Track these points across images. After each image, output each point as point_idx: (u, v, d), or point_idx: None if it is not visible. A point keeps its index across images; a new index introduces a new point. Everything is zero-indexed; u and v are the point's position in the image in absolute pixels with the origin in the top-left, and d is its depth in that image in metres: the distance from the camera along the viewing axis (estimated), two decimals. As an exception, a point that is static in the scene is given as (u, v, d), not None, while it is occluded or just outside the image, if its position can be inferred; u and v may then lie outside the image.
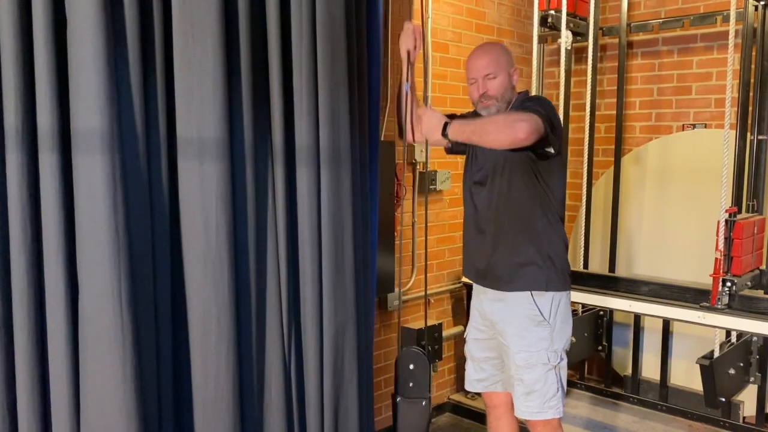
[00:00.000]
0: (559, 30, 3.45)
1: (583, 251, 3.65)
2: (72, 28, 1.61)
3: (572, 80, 3.78)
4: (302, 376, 2.17)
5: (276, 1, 1.98)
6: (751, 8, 3.01)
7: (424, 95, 3.21)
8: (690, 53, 3.58)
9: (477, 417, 3.41)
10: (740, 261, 2.80)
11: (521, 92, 2.28)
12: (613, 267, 3.70)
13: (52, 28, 1.59)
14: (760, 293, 2.99)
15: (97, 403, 1.68)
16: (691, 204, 3.48)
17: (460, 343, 3.51)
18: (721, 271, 2.81)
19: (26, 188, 1.62)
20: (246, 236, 1.98)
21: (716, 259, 2.82)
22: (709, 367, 2.83)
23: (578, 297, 3.27)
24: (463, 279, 3.46)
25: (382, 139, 2.99)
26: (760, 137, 3.12)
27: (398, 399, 2.26)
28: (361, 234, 2.29)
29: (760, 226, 2.98)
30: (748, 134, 3.09)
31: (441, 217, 3.45)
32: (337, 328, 2.17)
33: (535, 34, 3.47)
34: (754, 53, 3.08)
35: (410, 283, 3.28)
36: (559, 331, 2.19)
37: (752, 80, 3.08)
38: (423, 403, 2.26)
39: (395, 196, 3.09)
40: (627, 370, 3.68)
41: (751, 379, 3.13)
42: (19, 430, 1.67)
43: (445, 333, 3.45)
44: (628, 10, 3.63)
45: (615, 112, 3.70)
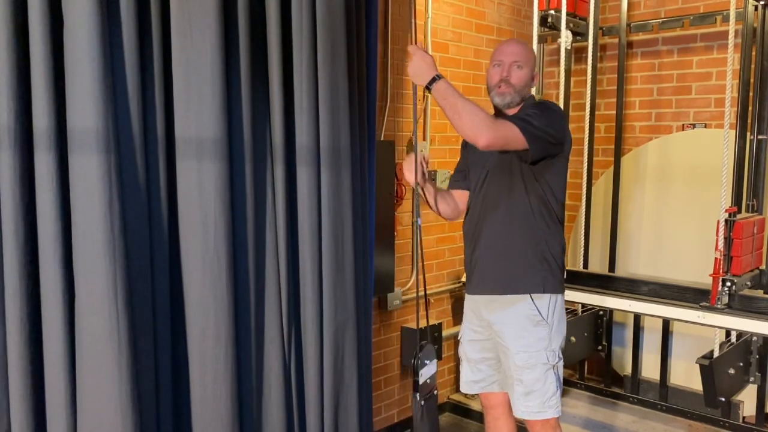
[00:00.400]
0: (559, 30, 3.45)
1: (582, 251, 3.65)
2: (69, 28, 1.61)
3: (572, 80, 3.77)
4: (302, 375, 2.17)
5: (276, 1, 1.98)
6: (750, 8, 3.01)
7: (424, 95, 3.21)
8: (690, 53, 3.58)
9: (476, 417, 3.41)
10: (740, 261, 2.80)
11: (531, 95, 2.25)
12: (612, 267, 3.70)
13: (49, 27, 1.59)
14: (759, 293, 2.99)
15: (92, 402, 1.69)
16: (691, 204, 3.48)
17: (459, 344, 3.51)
18: (721, 270, 2.81)
19: (21, 188, 1.62)
20: (245, 236, 1.98)
21: (716, 258, 2.82)
22: (708, 367, 2.82)
23: (578, 297, 3.27)
24: (463, 279, 3.46)
25: (381, 138, 2.99)
26: (760, 137, 3.12)
27: (422, 403, 2.23)
28: (362, 233, 2.29)
29: (760, 226, 2.98)
30: (748, 134, 3.09)
31: (441, 217, 3.44)
32: (338, 327, 2.17)
33: (535, 34, 3.47)
34: (753, 53, 3.08)
35: (410, 283, 3.27)
36: (556, 330, 2.19)
37: (752, 80, 3.08)
38: (435, 393, 2.26)
39: (395, 195, 3.08)
40: (627, 369, 3.67)
41: (751, 378, 3.13)
42: (15, 429, 1.67)
43: (445, 333, 3.45)
44: (628, 10, 3.63)
45: (615, 112, 3.70)
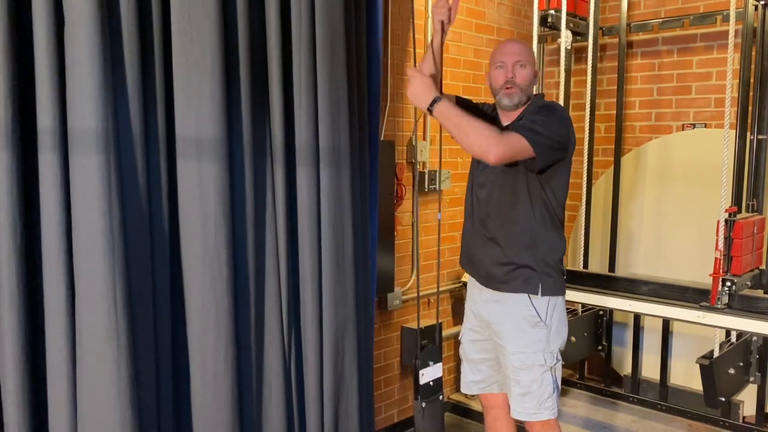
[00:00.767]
0: (559, 30, 3.45)
1: (582, 251, 3.65)
2: (70, 28, 1.61)
3: (572, 80, 3.78)
4: (302, 375, 2.17)
5: (275, 1, 1.98)
6: (750, 8, 3.01)
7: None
8: (690, 53, 3.58)
9: (476, 417, 3.41)
10: (740, 261, 2.80)
11: (537, 94, 2.25)
12: (612, 267, 3.70)
13: (51, 27, 1.59)
14: (759, 293, 2.99)
15: (92, 402, 1.69)
16: (691, 204, 3.48)
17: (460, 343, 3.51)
18: (721, 270, 2.81)
19: (21, 188, 1.62)
20: (245, 236, 1.98)
21: (716, 258, 2.82)
22: (708, 367, 2.82)
23: (578, 297, 3.27)
24: (463, 279, 3.46)
25: (381, 138, 2.99)
26: (760, 137, 3.12)
27: (423, 404, 2.23)
28: (361, 233, 2.29)
29: (760, 226, 2.98)
30: (748, 134, 3.09)
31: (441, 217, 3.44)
32: (338, 327, 2.17)
33: (535, 34, 3.47)
34: (753, 53, 3.08)
35: (410, 283, 3.27)
36: (555, 332, 2.18)
37: (752, 80, 3.08)
38: (440, 397, 2.26)
39: (395, 195, 3.09)
40: (627, 369, 3.67)
41: (751, 378, 3.13)
42: (14, 429, 1.67)
43: (445, 333, 3.45)
44: (628, 10, 3.63)
45: (615, 112, 3.70)
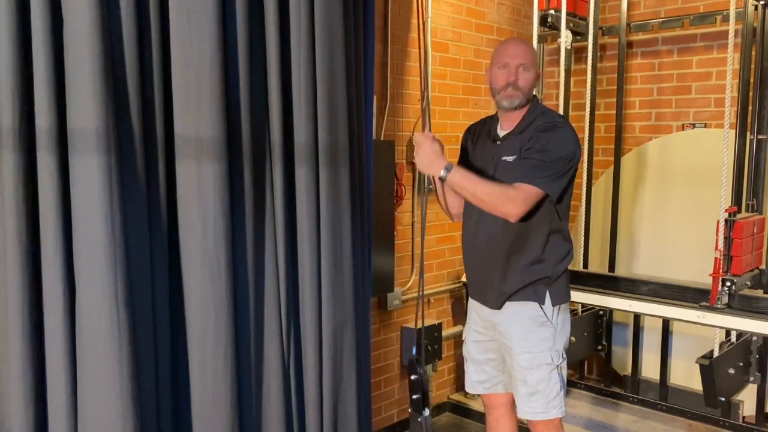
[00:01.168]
0: (559, 29, 3.45)
1: (582, 251, 3.65)
2: (69, 28, 1.61)
3: (572, 80, 3.78)
4: (301, 375, 2.17)
5: (274, 0, 1.98)
6: (750, 8, 3.01)
7: (425, 95, 3.21)
8: (690, 53, 3.58)
9: (476, 416, 3.41)
10: (740, 260, 2.80)
11: (534, 96, 2.22)
12: (612, 266, 3.70)
13: (50, 27, 1.59)
14: (759, 293, 2.98)
15: (93, 401, 1.69)
16: (691, 203, 3.48)
17: (460, 343, 3.51)
18: (721, 270, 2.81)
19: (22, 188, 1.62)
20: (244, 236, 1.98)
21: (716, 258, 2.82)
22: (708, 367, 2.82)
23: (578, 297, 3.27)
24: (463, 279, 3.46)
25: (381, 138, 2.99)
26: (760, 137, 3.12)
27: (420, 419, 2.19)
28: (360, 233, 2.29)
29: (760, 226, 2.98)
30: (748, 134, 3.09)
31: (441, 217, 3.45)
32: (336, 327, 2.17)
33: (535, 34, 3.47)
34: (753, 53, 3.08)
35: (410, 283, 3.27)
36: (560, 330, 2.18)
37: (752, 80, 3.08)
38: (418, 419, 2.20)
39: (395, 195, 3.08)
40: (627, 369, 3.67)
41: (751, 378, 3.13)
42: (15, 429, 1.67)
43: (445, 333, 3.45)
44: (628, 10, 3.63)
45: (615, 112, 3.70)
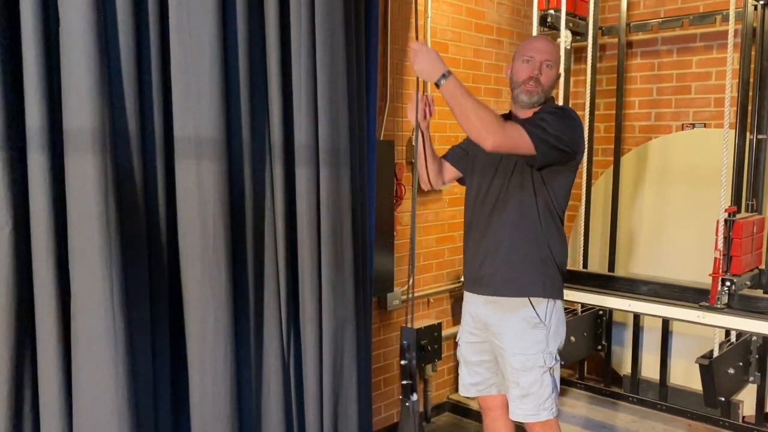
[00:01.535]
0: (559, 29, 3.45)
1: (582, 251, 3.65)
2: (64, 26, 1.60)
3: (572, 80, 3.78)
4: (301, 375, 2.17)
5: (274, 0, 1.98)
6: (750, 8, 3.01)
7: (424, 93, 3.20)
8: (689, 53, 3.58)
9: (476, 416, 3.41)
10: (739, 260, 2.80)
11: (551, 97, 2.23)
12: (612, 266, 3.70)
13: (43, 26, 1.58)
14: (759, 293, 2.98)
15: (89, 403, 1.68)
16: (691, 203, 3.48)
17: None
18: (721, 270, 2.81)
19: (17, 188, 1.61)
20: (244, 236, 1.98)
21: (715, 258, 2.82)
22: (708, 367, 2.82)
23: (578, 297, 3.27)
24: (462, 279, 3.46)
25: (381, 138, 2.99)
26: (760, 136, 3.12)
27: (407, 403, 2.20)
28: (360, 233, 2.29)
29: (760, 226, 2.98)
30: (748, 134, 3.09)
31: (441, 217, 3.45)
32: (337, 327, 2.17)
33: (535, 34, 3.47)
34: (753, 53, 3.08)
35: (410, 283, 3.27)
36: (554, 333, 2.17)
37: (751, 80, 3.08)
38: (406, 403, 2.20)
39: (395, 195, 3.08)
40: (626, 369, 3.67)
41: (751, 378, 3.13)
42: (9, 430, 1.66)
43: (445, 333, 3.44)
44: (628, 10, 3.63)
45: (614, 112, 3.71)
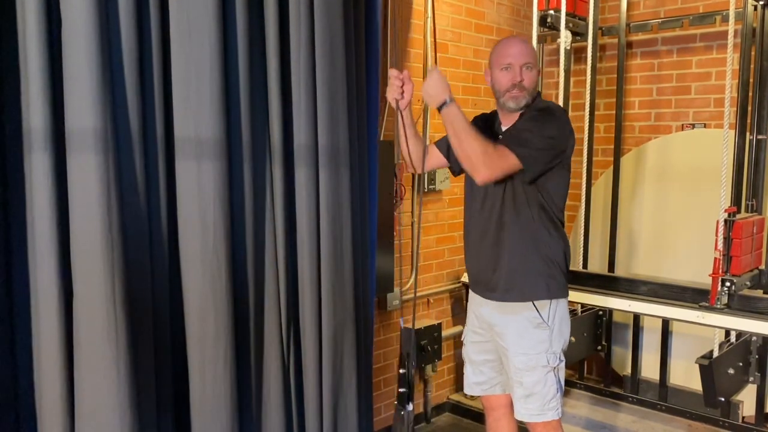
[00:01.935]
0: (559, 30, 3.45)
1: (582, 251, 3.65)
2: (66, 27, 1.60)
3: (571, 80, 3.78)
4: (301, 375, 2.17)
5: (274, 0, 1.98)
6: (750, 8, 3.01)
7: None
8: (689, 53, 3.58)
9: (476, 417, 3.41)
10: (739, 261, 2.80)
11: (538, 92, 2.22)
12: (612, 267, 3.70)
13: (46, 26, 1.58)
14: (759, 293, 2.98)
15: (90, 403, 1.68)
16: (691, 204, 3.48)
17: (460, 344, 3.51)
18: (721, 270, 2.81)
19: (19, 188, 1.61)
20: (244, 236, 1.98)
21: (715, 258, 2.82)
22: (708, 367, 2.82)
23: (578, 297, 3.27)
24: (463, 279, 3.46)
25: (381, 138, 2.99)
26: (759, 137, 3.12)
27: (402, 412, 2.19)
28: (360, 233, 2.29)
29: (760, 226, 2.98)
30: (748, 134, 3.09)
31: (440, 217, 3.45)
32: (336, 327, 2.17)
33: (535, 34, 3.47)
34: (753, 53, 3.08)
35: (410, 283, 3.27)
36: (557, 332, 2.17)
37: (751, 80, 3.08)
38: (401, 412, 2.18)
39: (395, 195, 3.08)
40: (626, 369, 3.67)
41: (751, 378, 3.13)
42: (12, 429, 1.67)
43: (445, 333, 3.45)
44: (628, 10, 3.63)
45: (614, 112, 3.70)
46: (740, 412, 3.23)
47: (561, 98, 3.58)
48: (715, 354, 2.92)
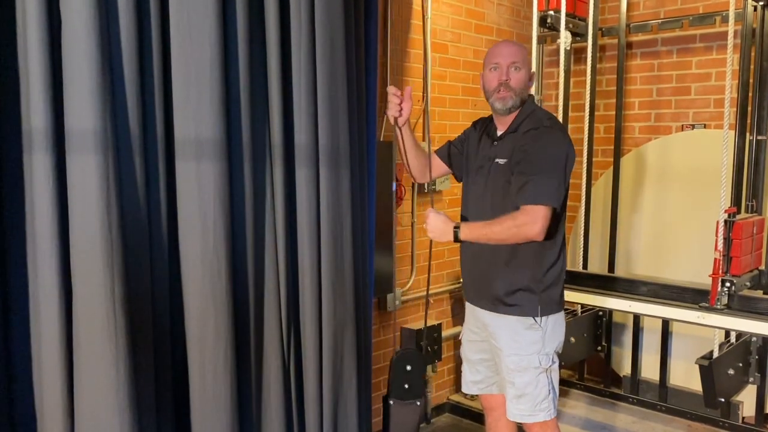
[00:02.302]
0: (559, 30, 3.45)
1: (582, 251, 3.65)
2: (66, 27, 1.60)
3: (571, 81, 3.78)
4: (301, 376, 2.17)
5: (275, 0, 1.98)
6: (750, 9, 3.01)
7: (424, 96, 3.21)
8: (689, 53, 3.58)
9: (476, 417, 3.41)
10: (739, 261, 2.80)
11: (530, 95, 2.22)
12: (612, 267, 3.70)
13: (46, 26, 1.58)
14: (759, 293, 2.99)
15: (90, 403, 1.68)
16: (691, 204, 3.48)
17: (459, 344, 3.51)
18: (721, 271, 2.81)
19: (20, 188, 1.61)
20: (244, 236, 1.97)
21: (715, 259, 2.82)
22: (708, 368, 2.82)
23: (577, 297, 3.27)
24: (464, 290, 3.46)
25: (381, 139, 2.99)
26: (759, 137, 3.12)
27: (392, 402, 2.25)
28: (360, 234, 2.29)
29: (759, 227, 2.98)
30: (747, 134, 3.09)
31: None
32: (336, 328, 2.17)
33: (535, 35, 3.47)
34: (753, 53, 3.08)
35: (410, 284, 3.27)
36: (550, 334, 2.17)
37: (751, 80, 3.08)
38: (417, 403, 2.26)
39: (395, 196, 3.08)
40: (626, 370, 3.67)
41: (750, 379, 3.13)
42: (12, 429, 1.66)
43: (445, 333, 3.44)
44: (628, 11, 3.63)
45: (614, 113, 3.71)
46: (740, 413, 3.23)
47: (561, 99, 3.59)
48: (715, 354, 2.92)
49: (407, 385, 2.25)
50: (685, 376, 3.47)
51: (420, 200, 3.27)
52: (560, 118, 3.57)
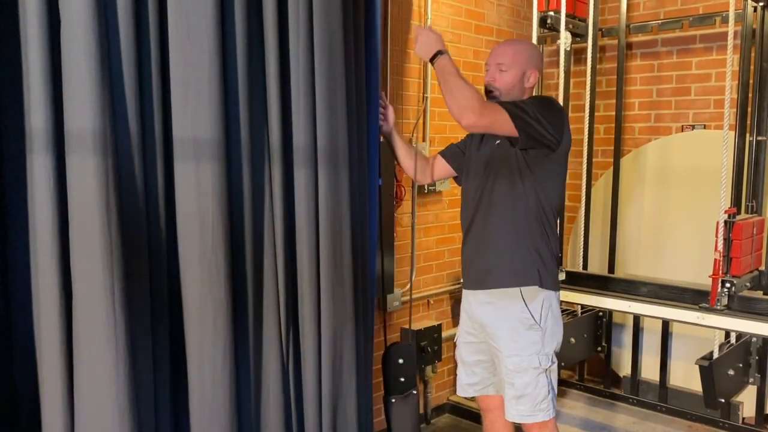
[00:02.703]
0: (559, 31, 3.45)
1: (582, 252, 3.65)
2: (65, 27, 1.60)
3: (571, 81, 3.78)
4: (300, 377, 2.17)
5: (273, 0, 1.98)
6: (750, 9, 3.02)
7: (424, 96, 3.21)
8: (689, 54, 3.58)
9: (476, 418, 3.41)
10: (739, 262, 2.80)
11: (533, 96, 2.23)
12: (612, 268, 3.70)
13: (46, 27, 1.58)
14: (759, 294, 2.99)
15: (90, 405, 1.68)
16: (691, 205, 3.48)
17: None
18: (721, 272, 2.81)
19: (20, 188, 1.61)
20: (243, 237, 1.97)
21: (715, 260, 2.82)
22: (708, 368, 2.82)
23: (577, 298, 3.27)
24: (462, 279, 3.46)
25: (381, 140, 2.99)
26: (759, 138, 3.12)
27: (393, 400, 2.26)
28: (360, 234, 2.29)
29: (759, 227, 2.98)
30: (747, 135, 3.10)
31: (440, 218, 3.45)
32: (336, 328, 2.17)
33: (535, 35, 3.47)
34: (753, 54, 3.08)
35: (410, 284, 3.27)
36: (550, 334, 2.17)
37: (751, 81, 3.08)
38: (414, 392, 2.27)
39: (395, 196, 3.08)
40: (626, 370, 3.67)
41: (751, 380, 3.13)
42: (13, 429, 1.66)
43: (445, 334, 3.44)
44: (628, 11, 3.63)
45: (614, 113, 3.71)
46: (740, 414, 3.23)
47: (561, 99, 3.58)
48: (715, 355, 2.92)
49: (402, 378, 2.27)
50: (685, 377, 3.47)
51: (420, 201, 3.26)
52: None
